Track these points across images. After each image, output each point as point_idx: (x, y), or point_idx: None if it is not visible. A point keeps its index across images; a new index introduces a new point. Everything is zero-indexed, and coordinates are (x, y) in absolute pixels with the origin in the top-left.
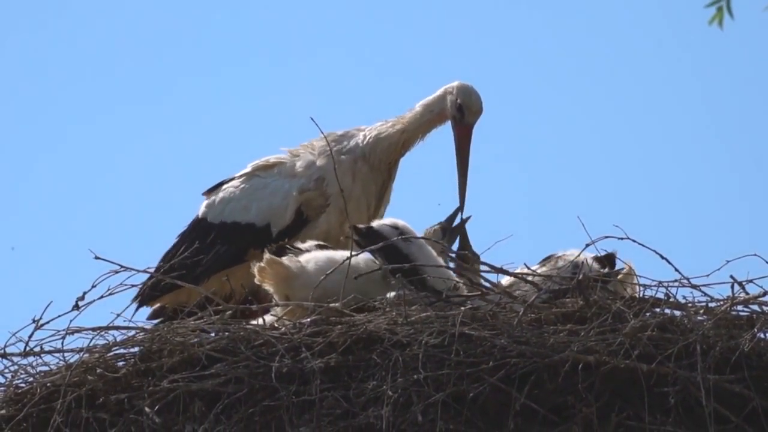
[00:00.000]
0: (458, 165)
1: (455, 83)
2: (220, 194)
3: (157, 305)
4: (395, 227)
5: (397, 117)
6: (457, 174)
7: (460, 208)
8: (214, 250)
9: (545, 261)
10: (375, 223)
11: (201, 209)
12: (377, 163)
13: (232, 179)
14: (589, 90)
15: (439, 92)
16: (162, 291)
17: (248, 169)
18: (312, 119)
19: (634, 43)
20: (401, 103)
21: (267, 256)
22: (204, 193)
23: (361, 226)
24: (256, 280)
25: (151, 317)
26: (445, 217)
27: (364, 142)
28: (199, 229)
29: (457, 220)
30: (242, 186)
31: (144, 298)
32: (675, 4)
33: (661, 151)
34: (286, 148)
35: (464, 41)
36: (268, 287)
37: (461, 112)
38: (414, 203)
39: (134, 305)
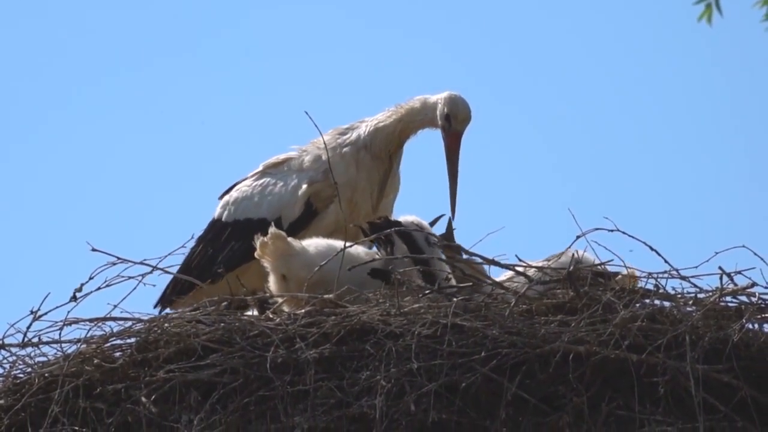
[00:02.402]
0: (448, 171)
1: (445, 93)
2: (234, 194)
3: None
4: (420, 227)
5: (396, 106)
6: (447, 179)
7: (452, 213)
8: (228, 247)
9: (550, 258)
10: (402, 219)
11: (216, 210)
12: (378, 152)
13: (245, 179)
14: (580, 85)
15: (433, 99)
16: (180, 292)
17: (260, 168)
18: (306, 113)
19: (623, 40)
20: (403, 94)
21: (272, 230)
22: (219, 197)
23: (392, 219)
24: (256, 254)
25: None
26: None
27: (365, 133)
28: (215, 229)
29: (444, 221)
30: (254, 184)
31: (165, 300)
32: (664, 1)
33: (651, 144)
34: (296, 146)
35: (461, 38)
36: (266, 263)
37: (448, 121)
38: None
39: (131, 296)
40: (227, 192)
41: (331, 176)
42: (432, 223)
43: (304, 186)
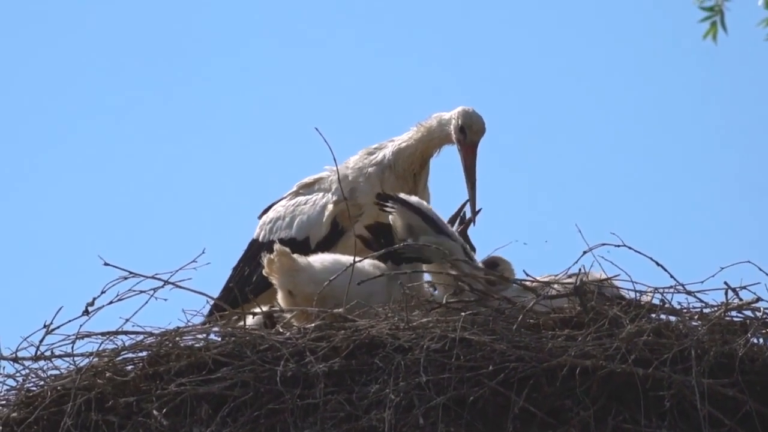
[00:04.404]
0: (467, 181)
1: (459, 108)
2: (270, 214)
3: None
4: (420, 202)
5: (417, 126)
6: (466, 189)
7: (472, 220)
8: (261, 267)
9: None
10: (402, 195)
11: (255, 230)
12: (402, 172)
13: (281, 199)
14: (588, 101)
15: (447, 115)
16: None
17: (294, 189)
18: (317, 129)
19: (627, 57)
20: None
21: (277, 246)
22: (259, 216)
23: (391, 194)
24: (264, 272)
25: None
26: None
27: (390, 153)
28: (252, 249)
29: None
30: (287, 204)
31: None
32: (670, 19)
33: (658, 160)
34: (328, 167)
35: (461, 54)
36: (274, 280)
37: (463, 133)
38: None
39: (142, 310)
40: (265, 212)
41: (341, 193)
42: (458, 212)
43: (330, 206)
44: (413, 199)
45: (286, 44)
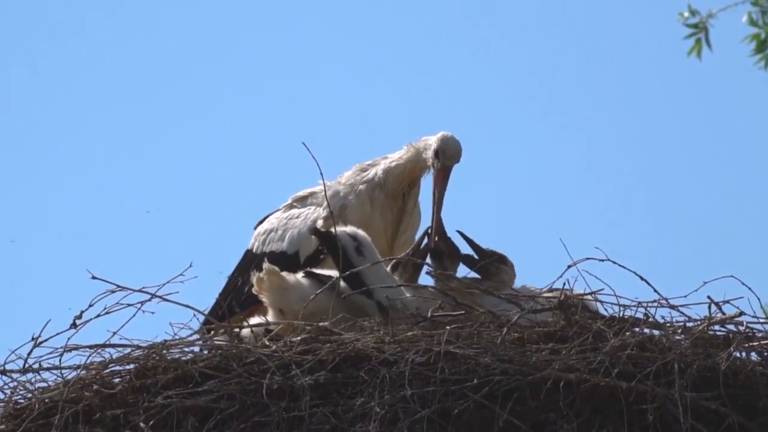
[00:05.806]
0: (433, 204)
1: (440, 133)
2: (265, 225)
3: None
4: (354, 237)
5: (408, 145)
6: (431, 211)
7: (432, 242)
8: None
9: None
10: (337, 229)
11: (250, 240)
12: (392, 191)
13: (276, 211)
14: (573, 117)
15: (431, 139)
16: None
17: (288, 201)
18: (303, 144)
19: (614, 72)
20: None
21: (266, 266)
22: (254, 227)
23: (322, 230)
24: (254, 290)
25: None
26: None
27: (381, 171)
28: (246, 259)
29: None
30: (281, 216)
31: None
32: (655, 36)
33: (642, 175)
34: (321, 181)
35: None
36: (264, 299)
37: (437, 157)
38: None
39: (130, 324)
40: (261, 223)
41: (328, 208)
42: (423, 236)
43: (320, 221)
44: (344, 239)
45: (282, 53)
